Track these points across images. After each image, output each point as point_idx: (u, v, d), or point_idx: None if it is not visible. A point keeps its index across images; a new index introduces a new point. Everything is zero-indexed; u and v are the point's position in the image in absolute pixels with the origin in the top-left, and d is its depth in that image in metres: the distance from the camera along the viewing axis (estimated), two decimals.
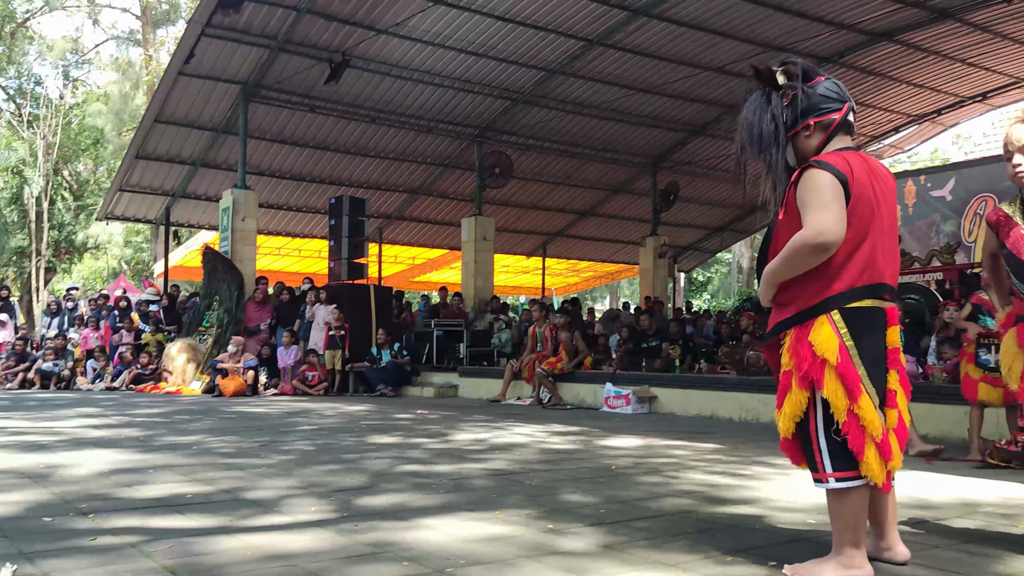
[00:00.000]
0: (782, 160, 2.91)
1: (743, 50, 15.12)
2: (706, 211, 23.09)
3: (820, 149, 2.89)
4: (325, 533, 3.38)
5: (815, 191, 2.74)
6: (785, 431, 2.92)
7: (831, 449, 2.79)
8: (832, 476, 2.78)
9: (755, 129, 2.90)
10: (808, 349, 2.78)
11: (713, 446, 6.71)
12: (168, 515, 3.71)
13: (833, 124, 2.89)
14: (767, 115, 2.88)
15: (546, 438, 7.17)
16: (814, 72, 2.95)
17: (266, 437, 6.89)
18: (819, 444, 2.81)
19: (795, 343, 2.84)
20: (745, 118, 2.94)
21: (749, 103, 2.95)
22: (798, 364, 2.80)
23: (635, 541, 3.30)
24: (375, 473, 4.99)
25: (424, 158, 18.57)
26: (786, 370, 2.87)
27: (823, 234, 2.68)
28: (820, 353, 2.75)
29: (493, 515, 3.77)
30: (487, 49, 14.85)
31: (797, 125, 2.90)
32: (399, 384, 13.66)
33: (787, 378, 2.86)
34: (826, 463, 2.79)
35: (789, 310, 2.87)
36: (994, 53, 16.07)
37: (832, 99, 2.89)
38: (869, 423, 2.75)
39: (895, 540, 2.98)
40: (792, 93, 2.90)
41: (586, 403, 11.44)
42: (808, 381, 2.79)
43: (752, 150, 2.93)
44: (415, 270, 24.59)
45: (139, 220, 20.03)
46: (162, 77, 15.26)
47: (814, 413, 2.82)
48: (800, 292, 2.83)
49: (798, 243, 2.74)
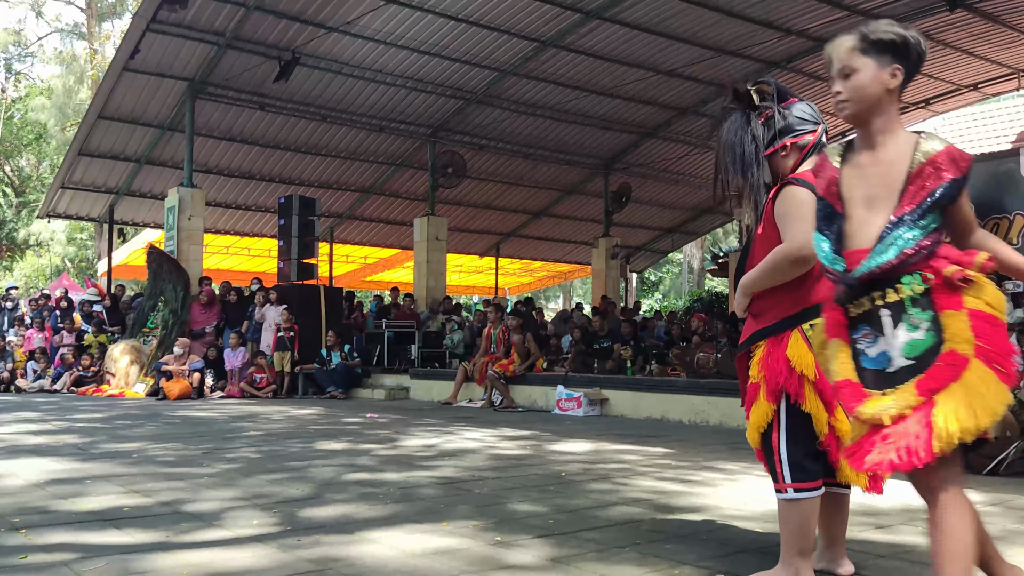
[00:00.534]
0: (761, 179, 2.95)
1: (694, 54, 15.26)
2: (658, 212, 23.27)
3: (795, 169, 2.96)
4: (267, 549, 3.30)
5: (795, 206, 2.81)
6: (754, 442, 2.97)
7: (791, 460, 2.83)
8: (791, 487, 2.82)
9: (737, 150, 2.95)
10: (785, 364, 2.82)
11: (663, 450, 6.72)
12: (104, 530, 3.59)
13: (808, 145, 2.97)
14: (748, 136, 2.94)
15: (496, 443, 7.13)
16: (787, 93, 3.02)
17: (210, 444, 6.74)
18: (780, 455, 2.85)
19: (767, 356, 2.88)
20: (727, 139, 2.99)
21: (730, 124, 2.99)
22: (769, 377, 2.85)
23: (584, 553, 3.27)
24: (321, 482, 4.90)
25: (376, 157, 18.42)
26: (754, 382, 2.91)
27: (803, 247, 2.73)
28: (799, 368, 2.80)
29: (440, 527, 3.71)
30: (440, 49, 14.77)
31: (774, 144, 2.94)
32: (349, 386, 13.52)
33: (754, 390, 2.91)
34: (785, 474, 2.83)
35: (764, 320, 2.92)
36: (936, 61, 16.41)
37: (807, 121, 2.97)
38: (844, 434, 2.81)
39: (842, 554, 3.03)
40: (768, 112, 2.96)
41: (538, 405, 11.42)
42: (778, 394, 2.84)
43: (735, 171, 2.97)
44: (367, 270, 24.39)
45: (82, 218, 19.58)
46: (106, 72, 14.92)
47: (777, 425, 2.87)
48: (775, 304, 2.90)
49: (780, 255, 2.81)
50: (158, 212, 17.51)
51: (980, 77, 17.51)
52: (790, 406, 2.84)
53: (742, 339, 3.02)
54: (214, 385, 13.22)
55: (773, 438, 2.88)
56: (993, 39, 15.39)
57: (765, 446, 2.92)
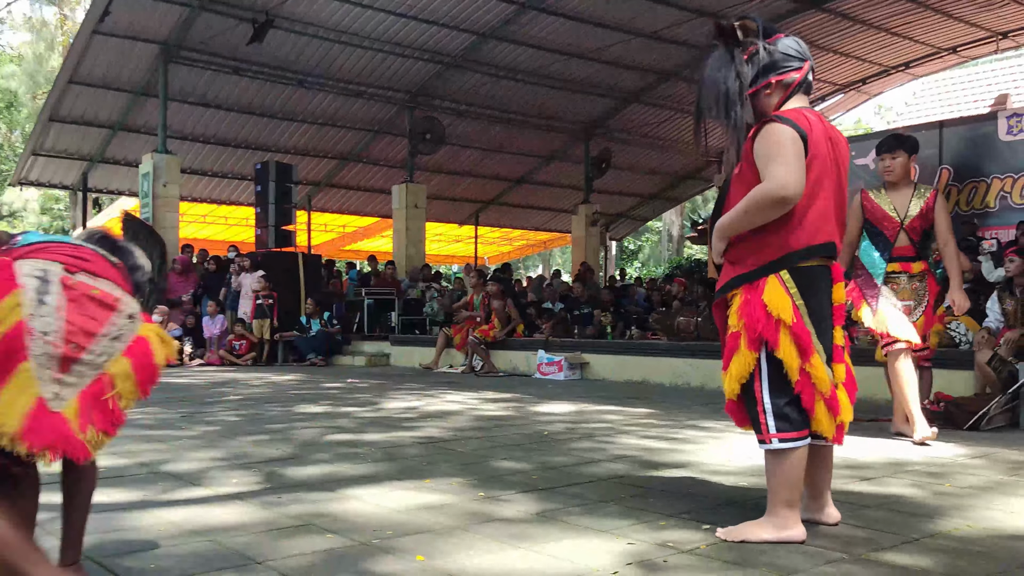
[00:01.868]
0: (744, 118, 2.84)
1: (676, 16, 15.13)
2: (638, 179, 23.20)
3: (779, 107, 2.86)
4: (249, 506, 3.25)
5: (777, 145, 2.71)
6: (730, 392, 2.90)
7: (775, 410, 2.78)
8: (775, 437, 2.77)
9: (720, 87, 2.82)
10: (761, 310, 2.76)
11: (645, 411, 6.72)
12: None
13: (794, 83, 2.86)
14: (731, 72, 2.81)
15: (479, 405, 7.10)
16: (773, 29, 2.91)
17: (188, 408, 6.67)
18: (764, 405, 2.80)
19: (744, 304, 2.81)
20: (709, 76, 2.85)
21: (712, 60, 2.86)
22: (749, 325, 2.78)
23: (569, 508, 3.24)
24: (302, 443, 4.85)
25: (354, 123, 18.20)
26: (734, 331, 2.84)
27: (785, 187, 2.65)
28: (775, 313, 2.74)
29: (423, 484, 3.67)
30: (418, 11, 14.54)
31: (758, 82, 2.84)
32: (329, 353, 13.44)
33: (735, 339, 2.84)
34: (770, 424, 2.78)
35: (743, 267, 2.84)
36: (918, 23, 16.37)
37: (793, 57, 2.86)
38: (819, 380, 2.78)
39: (828, 502, 3.00)
40: (752, 48, 2.84)
41: (519, 371, 11.41)
42: (758, 342, 2.78)
43: (717, 108, 2.84)
44: (345, 238, 24.21)
45: (55, 186, 19.27)
46: (76, 35, 14.60)
47: (759, 374, 2.81)
48: (755, 249, 2.81)
49: (758, 195, 2.71)
50: (133, 180, 17.23)
51: (959, 40, 17.48)
52: (770, 353, 2.78)
53: (719, 285, 2.94)
54: (193, 353, 13.10)
55: (756, 388, 2.82)
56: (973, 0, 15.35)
57: (747, 396, 2.86)
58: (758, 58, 2.84)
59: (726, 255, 2.91)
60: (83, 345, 2.02)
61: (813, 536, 2.81)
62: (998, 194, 10.71)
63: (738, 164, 2.88)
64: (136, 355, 2.11)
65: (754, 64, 2.84)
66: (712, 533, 2.85)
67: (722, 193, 3.00)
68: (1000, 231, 10.57)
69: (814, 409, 2.79)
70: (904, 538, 2.82)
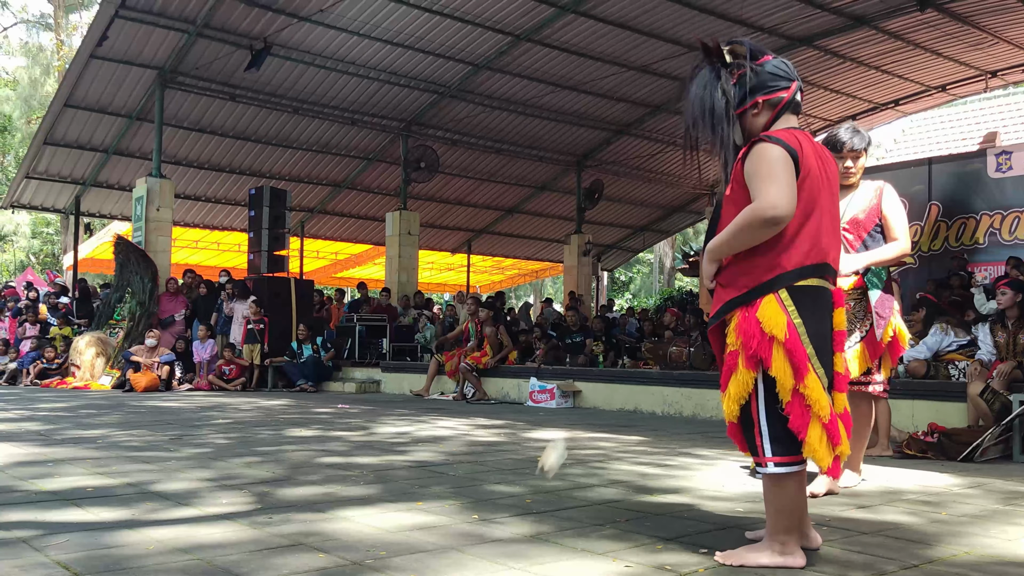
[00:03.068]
0: (732, 137, 2.83)
1: (667, 50, 15.28)
2: (629, 210, 23.29)
3: (767, 128, 2.83)
4: (237, 526, 3.20)
5: (767, 164, 2.68)
6: (730, 415, 2.82)
7: (772, 433, 2.72)
8: (772, 460, 2.72)
9: (707, 103, 2.81)
10: (756, 326, 2.70)
11: (638, 438, 6.68)
12: (67, 509, 3.46)
13: (782, 102, 2.84)
14: (717, 91, 2.80)
15: (470, 431, 7.05)
16: (761, 51, 2.89)
17: (177, 431, 6.60)
18: (760, 427, 2.74)
19: (742, 322, 2.75)
20: (695, 93, 2.85)
21: (699, 78, 2.86)
22: (746, 343, 2.71)
23: (563, 531, 3.20)
24: (292, 465, 4.79)
25: (348, 151, 18.25)
26: (732, 350, 2.78)
27: (776, 207, 2.62)
28: (768, 330, 2.68)
29: (415, 506, 3.63)
30: (414, 41, 14.65)
31: (746, 103, 2.83)
32: (319, 379, 13.36)
33: (733, 359, 2.77)
34: (767, 447, 2.73)
35: (734, 290, 2.79)
36: (906, 61, 16.56)
37: (780, 77, 2.84)
38: (815, 402, 2.69)
39: (808, 526, 2.93)
40: (740, 72, 2.83)
41: (510, 398, 11.35)
42: (756, 361, 2.71)
43: (703, 125, 2.83)
44: (337, 266, 24.18)
45: (47, 209, 19.18)
46: (73, 59, 14.64)
47: (756, 396, 2.75)
48: (747, 270, 2.76)
49: (749, 215, 2.67)
50: (126, 204, 17.21)
51: (948, 78, 17.67)
52: (767, 374, 2.72)
53: (713, 310, 2.88)
54: (182, 377, 13.00)
55: (753, 409, 2.76)
56: (962, 39, 15.52)
57: (744, 419, 2.80)
58: (745, 79, 2.82)
59: (718, 278, 2.86)
60: None
61: (811, 562, 2.78)
62: (987, 230, 10.78)
63: (728, 185, 2.85)
64: None
65: (741, 85, 2.83)
66: (710, 557, 2.81)
67: (714, 215, 2.96)
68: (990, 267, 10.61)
69: (805, 431, 2.68)
70: (903, 564, 2.79)
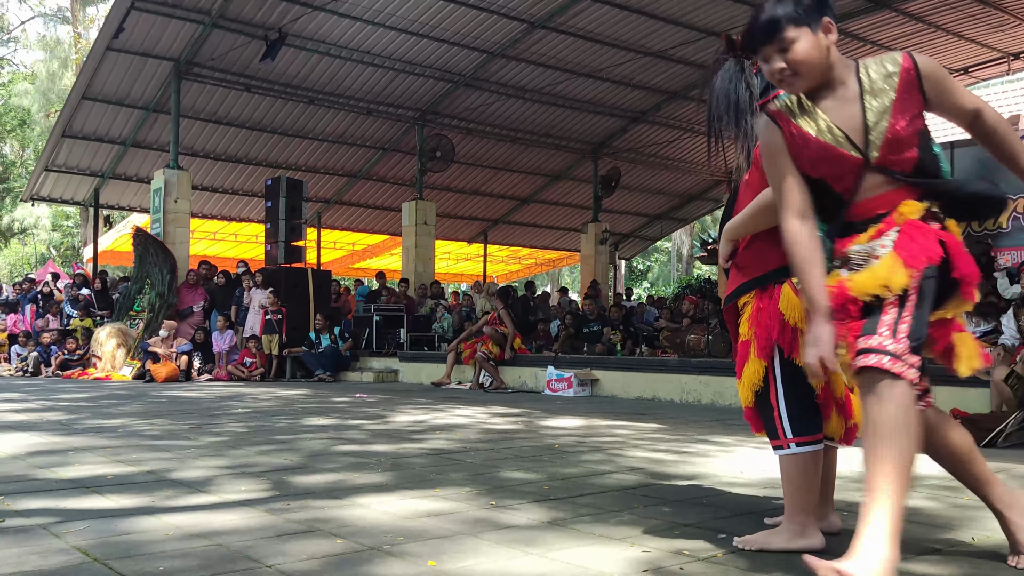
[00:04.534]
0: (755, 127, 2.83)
1: (684, 35, 15.17)
2: (647, 198, 23.19)
3: None
4: (254, 512, 3.20)
5: None
6: (746, 400, 2.87)
7: (791, 415, 2.74)
8: (793, 441, 2.73)
9: (731, 97, 2.81)
10: (777, 319, 2.72)
11: (655, 425, 6.65)
12: (86, 496, 3.48)
13: None
14: (742, 83, 2.80)
15: (487, 419, 7.04)
16: None
17: (196, 420, 6.63)
18: (779, 411, 2.76)
19: (757, 312, 2.78)
20: (720, 87, 2.84)
21: (723, 72, 2.85)
22: (760, 334, 2.75)
23: (580, 516, 3.18)
24: (310, 453, 4.80)
25: (364, 141, 18.26)
26: (744, 340, 2.82)
27: None
28: (791, 321, 2.70)
29: (432, 492, 3.62)
30: (428, 29, 14.62)
31: (768, 94, 2.83)
32: (337, 369, 13.41)
33: (745, 348, 2.82)
34: (786, 428, 2.74)
35: (751, 272, 2.81)
36: (928, 44, 16.36)
37: None
38: (834, 382, 2.75)
39: (831, 510, 2.96)
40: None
41: (527, 386, 11.34)
42: (769, 351, 2.74)
43: (728, 118, 2.83)
44: (354, 256, 24.23)
45: (66, 202, 19.33)
46: (90, 51, 14.71)
47: (773, 381, 2.77)
48: (765, 253, 2.78)
49: (767, 198, 2.69)
50: (144, 196, 17.32)
51: (970, 61, 17.46)
52: (784, 360, 2.75)
53: (728, 291, 2.91)
54: (201, 368, 13.08)
55: (771, 395, 2.79)
56: (984, 21, 15.33)
57: (762, 403, 2.82)
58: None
59: (734, 260, 2.89)
60: None
61: (831, 545, 2.75)
62: (1011, 215, 10.66)
63: (747, 170, 2.87)
64: None
65: (762, 76, 2.83)
66: (728, 542, 2.79)
67: (731, 199, 3.00)
68: (1013, 252, 10.50)
69: (831, 414, 2.78)
70: (924, 548, 2.76)
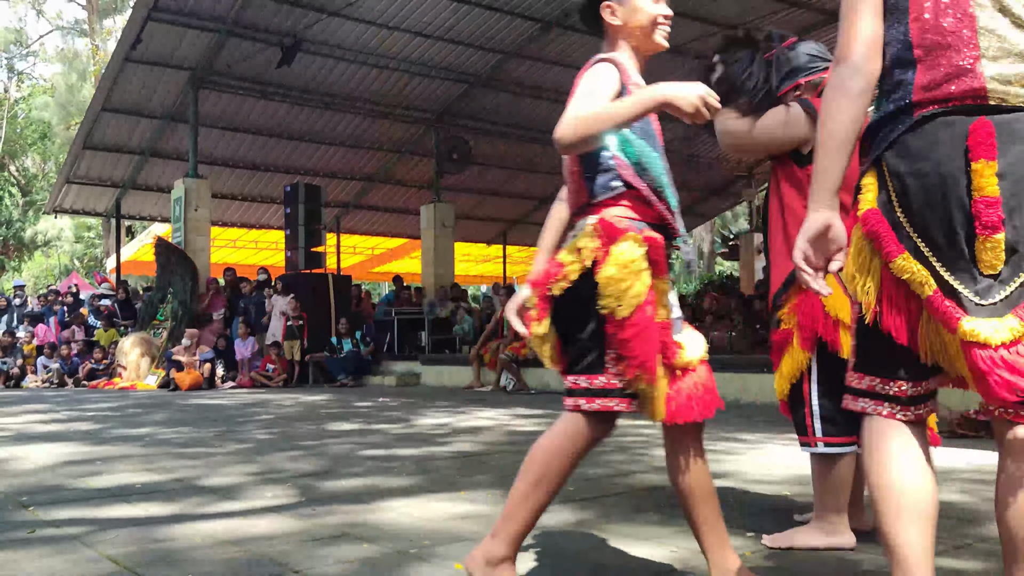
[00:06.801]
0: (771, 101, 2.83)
1: (699, 30, 15.06)
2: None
3: None
4: (283, 518, 3.22)
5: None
6: (781, 392, 2.82)
7: (823, 413, 2.70)
8: (821, 441, 2.70)
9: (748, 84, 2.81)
10: (819, 309, 2.67)
11: None
12: (116, 505, 3.51)
13: (823, 83, 2.81)
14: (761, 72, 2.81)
15: (510, 421, 7.04)
16: (785, 35, 2.93)
17: (222, 427, 6.67)
18: (811, 407, 2.72)
19: (801, 301, 2.72)
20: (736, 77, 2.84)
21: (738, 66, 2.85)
22: (804, 323, 2.70)
23: (608, 517, 3.17)
24: (335, 458, 4.82)
25: (380, 144, 18.30)
26: (786, 328, 2.76)
27: None
28: (832, 313, 2.65)
29: (458, 495, 3.62)
30: (443, 31, 14.62)
31: (786, 84, 2.82)
32: (360, 373, 13.45)
33: (787, 337, 2.76)
34: (816, 427, 2.71)
35: None
36: None
37: (818, 58, 2.85)
38: None
39: (863, 509, 2.90)
40: (770, 54, 2.85)
41: (550, 387, 11.32)
42: (812, 342, 2.69)
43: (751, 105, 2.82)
44: (374, 260, 24.29)
45: (89, 213, 19.53)
46: (108, 63, 14.84)
47: (809, 375, 2.73)
48: None
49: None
50: (164, 205, 17.44)
51: None
52: (823, 355, 2.69)
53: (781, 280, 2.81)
54: (225, 375, 13.16)
55: (804, 389, 2.74)
56: None
57: (795, 397, 2.78)
58: (779, 62, 2.83)
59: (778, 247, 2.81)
60: None
61: (862, 543, 2.72)
62: None
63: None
64: None
65: (778, 68, 2.82)
66: (758, 540, 2.77)
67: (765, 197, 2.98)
68: None
69: None
70: (956, 543, 2.73)
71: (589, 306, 2.07)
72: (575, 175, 2.21)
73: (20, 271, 35.80)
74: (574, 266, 2.08)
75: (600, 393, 2.08)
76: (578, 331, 2.10)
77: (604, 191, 2.15)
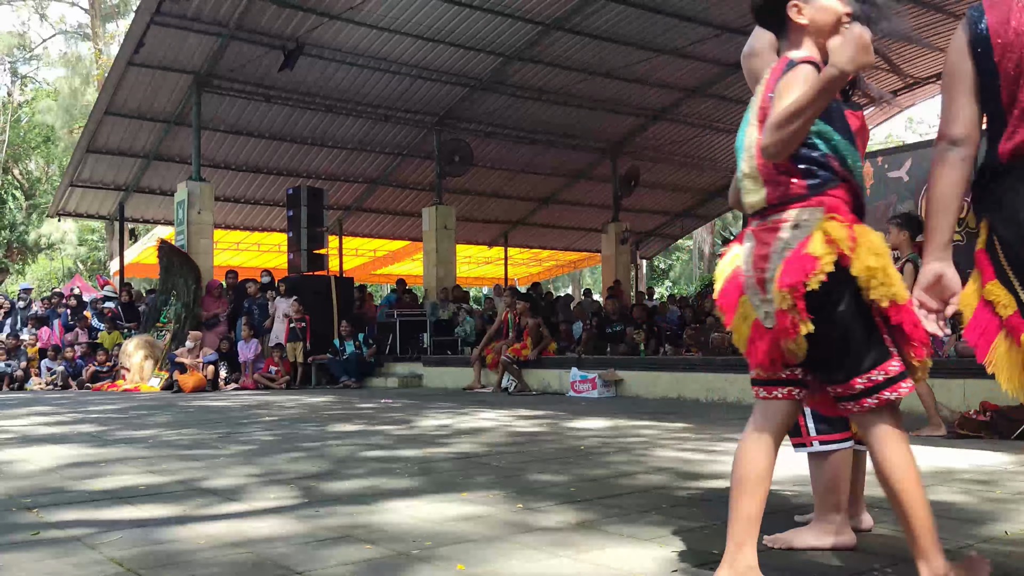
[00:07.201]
0: None
1: (701, 32, 15.10)
2: (667, 196, 23.09)
3: None
4: (286, 519, 3.23)
5: None
6: None
7: (815, 412, 2.71)
8: (815, 439, 2.71)
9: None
10: None
11: (681, 425, 6.64)
12: (119, 507, 3.52)
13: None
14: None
15: (512, 422, 7.05)
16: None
17: (225, 429, 6.69)
18: (803, 409, 2.72)
19: None
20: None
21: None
22: None
23: (610, 517, 3.19)
24: (337, 459, 4.83)
25: (382, 147, 18.33)
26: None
27: None
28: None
29: (460, 496, 3.64)
30: (444, 35, 14.66)
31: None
32: (362, 375, 13.47)
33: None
34: (810, 426, 2.73)
35: None
36: (948, 34, 16.17)
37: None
38: None
39: (862, 508, 2.93)
40: None
41: (551, 388, 11.34)
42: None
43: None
44: (376, 263, 24.32)
45: (92, 216, 19.56)
46: (111, 67, 14.88)
47: None
48: None
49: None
50: (168, 208, 17.47)
51: None
52: None
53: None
54: (228, 377, 13.19)
55: None
56: None
57: None
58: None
59: None
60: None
61: (862, 543, 2.74)
62: None
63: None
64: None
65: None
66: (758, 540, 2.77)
67: None
68: None
69: None
70: (958, 543, 2.74)
71: (850, 299, 2.11)
72: (781, 167, 2.19)
73: (24, 274, 35.85)
74: (829, 258, 2.08)
75: (899, 378, 2.14)
76: (846, 327, 2.12)
77: (823, 182, 2.17)
